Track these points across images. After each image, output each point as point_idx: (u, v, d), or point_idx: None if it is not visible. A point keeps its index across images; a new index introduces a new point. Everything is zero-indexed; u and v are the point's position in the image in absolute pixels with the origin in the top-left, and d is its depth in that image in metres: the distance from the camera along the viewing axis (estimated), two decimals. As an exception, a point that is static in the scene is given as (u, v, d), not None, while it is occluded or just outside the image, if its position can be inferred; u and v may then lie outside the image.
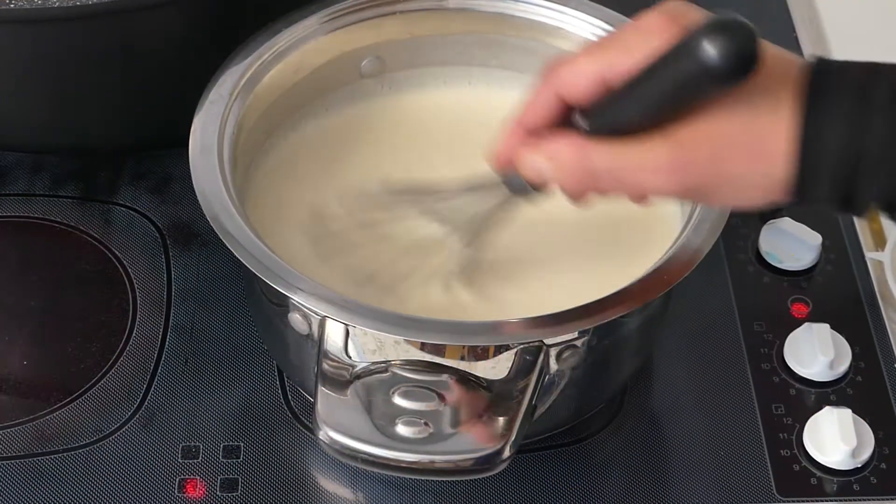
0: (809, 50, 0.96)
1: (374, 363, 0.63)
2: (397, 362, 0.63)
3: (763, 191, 0.56)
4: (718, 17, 0.52)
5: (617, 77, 0.56)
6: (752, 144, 0.55)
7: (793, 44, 0.96)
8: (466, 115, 0.79)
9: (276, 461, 0.71)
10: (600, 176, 0.57)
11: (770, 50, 0.54)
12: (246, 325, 0.77)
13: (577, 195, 0.60)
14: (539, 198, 0.63)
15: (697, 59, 0.51)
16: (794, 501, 0.70)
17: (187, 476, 0.70)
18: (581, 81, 0.57)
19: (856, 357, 0.76)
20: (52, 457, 0.71)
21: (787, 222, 0.82)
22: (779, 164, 0.54)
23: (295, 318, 0.64)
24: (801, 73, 0.55)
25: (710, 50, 0.51)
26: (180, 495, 0.69)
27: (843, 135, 0.53)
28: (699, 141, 0.55)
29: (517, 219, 0.68)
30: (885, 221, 0.86)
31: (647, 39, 0.55)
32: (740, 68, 0.51)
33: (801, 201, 0.56)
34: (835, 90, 0.54)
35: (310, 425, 0.72)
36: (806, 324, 0.77)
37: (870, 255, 0.83)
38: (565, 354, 0.63)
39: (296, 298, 0.61)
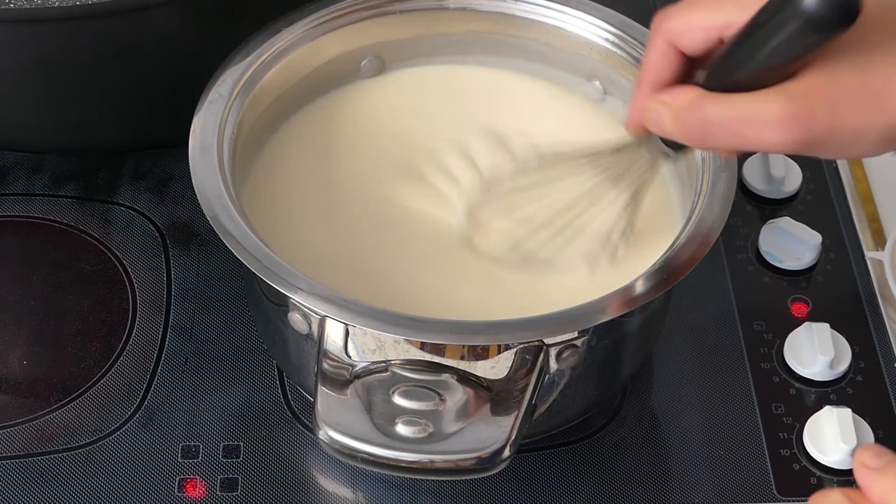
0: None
1: (373, 363, 0.63)
2: (397, 362, 0.63)
3: (882, 143, 0.56)
4: None
5: (733, 32, 0.56)
6: (871, 98, 0.55)
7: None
8: (466, 113, 0.79)
9: (276, 461, 0.71)
10: (715, 126, 0.57)
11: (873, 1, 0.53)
12: (246, 325, 0.77)
13: (695, 146, 0.60)
14: (678, 156, 0.64)
15: (797, 10, 0.51)
16: (794, 501, 0.70)
17: (187, 476, 0.70)
18: (694, 33, 0.58)
19: (856, 357, 0.76)
20: (52, 457, 0.71)
21: (787, 222, 0.82)
22: None
23: (295, 318, 0.64)
24: None
25: (807, 0, 0.51)
26: (180, 495, 0.69)
27: None
28: (817, 95, 0.55)
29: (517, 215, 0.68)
30: (886, 221, 0.86)
31: None
32: (840, 17, 0.51)
33: None
34: None
35: (310, 425, 0.72)
36: (806, 323, 0.77)
37: (870, 254, 0.83)
38: (565, 354, 0.63)
39: (296, 298, 0.61)
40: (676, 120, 0.58)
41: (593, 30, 0.76)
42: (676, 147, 0.63)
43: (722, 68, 0.57)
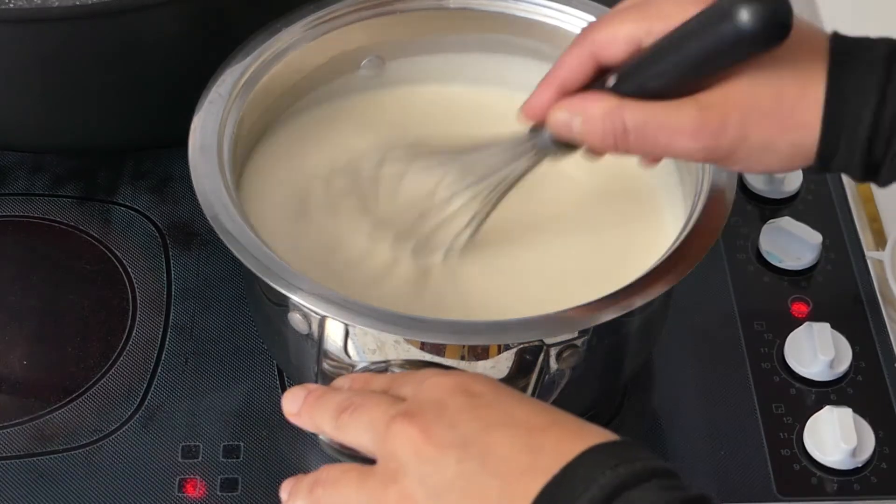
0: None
1: (373, 363, 0.63)
2: (397, 362, 0.63)
3: (789, 158, 0.58)
4: None
5: (652, 42, 0.58)
6: (782, 113, 0.56)
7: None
8: (465, 112, 0.79)
9: (276, 461, 0.71)
10: (628, 133, 0.58)
11: (797, 20, 0.55)
12: (246, 324, 0.77)
13: (602, 151, 0.61)
14: (563, 156, 0.64)
15: (733, 23, 0.53)
16: (794, 501, 0.70)
17: (187, 476, 0.70)
18: (619, 45, 0.59)
19: (856, 356, 0.76)
20: (52, 457, 0.71)
21: (787, 221, 0.82)
22: (808, 133, 0.56)
23: (295, 318, 0.64)
24: (827, 44, 0.57)
25: (746, 14, 0.52)
26: (180, 495, 0.69)
27: (874, 105, 0.55)
28: (729, 107, 0.56)
29: (519, 211, 0.68)
30: (886, 221, 0.86)
31: (684, 6, 0.56)
32: (773, 33, 0.53)
33: (825, 169, 0.58)
34: (863, 62, 0.56)
35: (310, 425, 0.72)
36: (806, 323, 0.77)
37: (870, 254, 0.83)
38: (565, 354, 0.63)
39: (296, 298, 0.61)
40: (591, 126, 0.59)
41: (593, 30, 0.76)
42: (566, 147, 0.63)
43: (639, 75, 0.58)
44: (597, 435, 0.52)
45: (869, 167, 0.57)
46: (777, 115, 0.56)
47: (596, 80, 0.61)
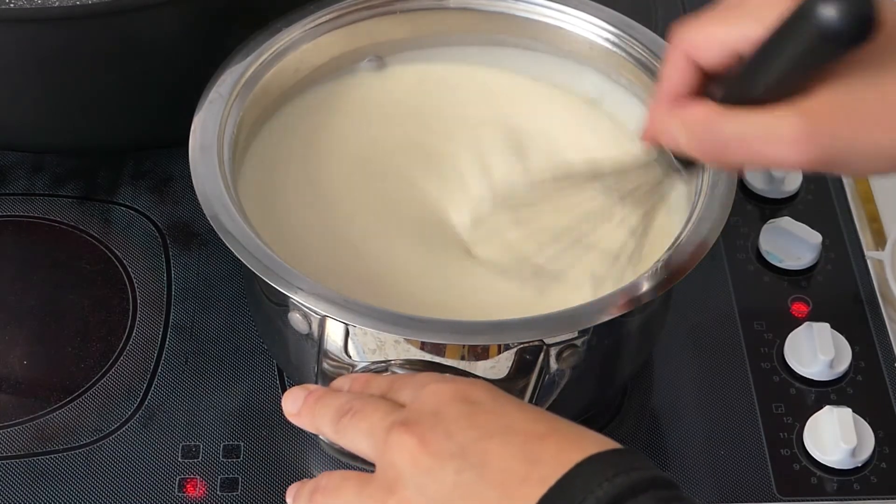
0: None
1: (374, 362, 0.63)
2: (397, 362, 0.63)
3: None
4: None
5: (749, 46, 0.55)
6: (889, 113, 0.53)
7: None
8: (465, 114, 0.79)
9: (276, 461, 0.71)
10: (730, 143, 0.56)
11: (893, 13, 0.52)
12: (246, 324, 0.77)
13: (712, 164, 0.59)
14: (690, 174, 0.62)
15: (815, 23, 0.50)
16: (794, 501, 0.70)
17: (187, 476, 0.70)
18: (714, 48, 0.56)
19: (856, 356, 0.76)
20: (52, 457, 0.71)
21: (787, 221, 0.82)
22: None
23: (295, 318, 0.64)
24: None
25: (827, 12, 0.49)
26: (180, 495, 0.69)
27: None
28: (833, 113, 0.53)
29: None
30: (886, 221, 0.86)
31: (773, 6, 0.53)
32: (858, 30, 0.50)
33: None
34: None
35: (310, 425, 0.72)
36: (806, 323, 0.77)
37: (870, 254, 0.83)
38: (565, 354, 0.63)
39: (296, 298, 0.61)
40: (691, 136, 0.57)
41: (593, 30, 0.76)
42: (688, 164, 0.61)
43: (738, 83, 0.56)
44: (595, 443, 0.51)
45: None
46: (884, 115, 0.53)
47: (703, 86, 0.58)
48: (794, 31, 0.52)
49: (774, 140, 0.54)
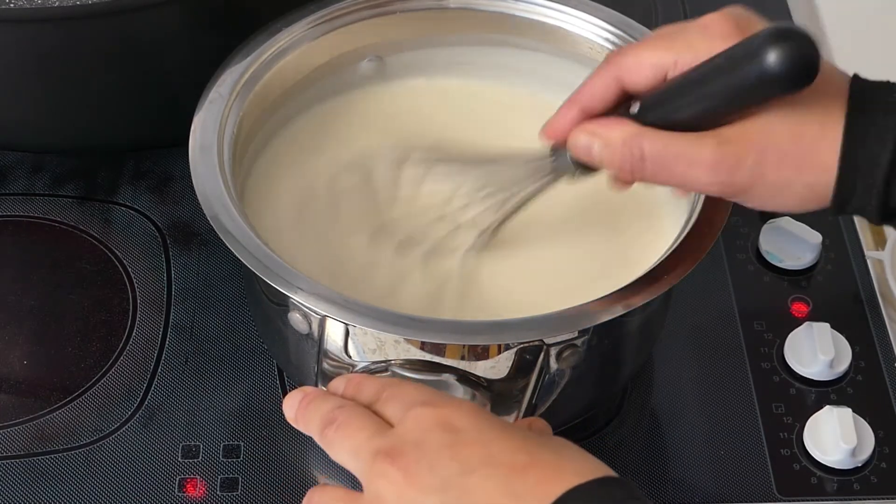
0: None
1: (374, 362, 0.63)
2: (397, 361, 0.63)
3: (804, 199, 0.58)
4: (782, 25, 0.53)
5: (678, 73, 0.58)
6: (800, 154, 0.56)
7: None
8: (465, 110, 0.79)
9: (276, 461, 0.71)
10: (647, 162, 0.59)
11: (825, 61, 0.55)
12: (246, 324, 0.77)
13: (621, 178, 0.61)
14: (582, 178, 0.64)
15: (761, 64, 0.53)
16: (794, 501, 0.70)
17: (187, 475, 0.70)
18: (644, 71, 0.59)
19: (856, 356, 0.76)
20: (52, 457, 0.71)
21: (787, 221, 0.82)
22: (825, 175, 0.56)
23: (295, 318, 0.64)
24: (847, 87, 0.57)
25: (774, 56, 0.52)
26: (180, 495, 0.69)
27: (891, 149, 0.55)
28: (748, 144, 0.56)
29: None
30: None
31: (711, 40, 0.57)
32: (801, 76, 0.53)
33: (841, 211, 0.57)
34: (882, 105, 0.56)
35: (310, 425, 0.72)
36: (806, 323, 0.77)
37: (870, 254, 0.83)
38: (565, 354, 0.63)
39: (296, 298, 0.61)
40: (610, 153, 0.60)
41: (593, 30, 0.76)
42: (586, 169, 0.63)
43: (663, 106, 0.58)
44: (576, 473, 0.52)
45: (886, 211, 0.57)
46: (795, 155, 0.56)
47: (619, 106, 0.61)
48: (735, 68, 0.54)
49: (690, 162, 0.57)
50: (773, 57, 0.52)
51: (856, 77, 0.58)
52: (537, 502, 0.51)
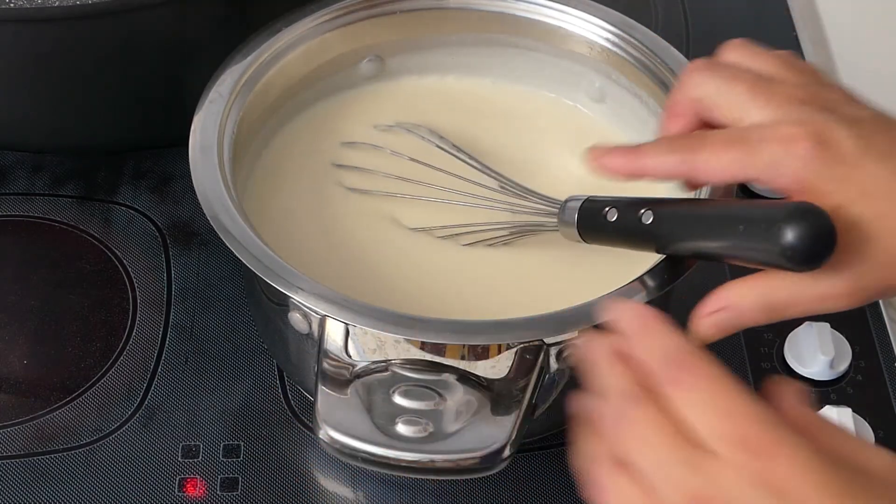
0: (809, 50, 0.96)
1: (374, 362, 0.63)
2: (397, 361, 0.63)
3: None
4: (797, 205, 0.53)
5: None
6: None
7: (793, 44, 0.96)
8: (465, 110, 0.79)
9: (276, 461, 0.71)
10: (784, 310, 0.58)
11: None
12: (246, 324, 0.77)
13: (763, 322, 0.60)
14: (573, 240, 0.66)
15: (778, 244, 0.53)
16: (794, 501, 0.70)
17: (187, 475, 0.70)
18: (717, 176, 0.59)
19: (856, 356, 0.76)
20: (52, 456, 0.71)
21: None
22: None
23: (295, 318, 0.64)
24: None
25: (789, 236, 0.52)
26: (180, 494, 0.69)
27: None
28: (870, 268, 0.55)
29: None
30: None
31: (794, 161, 0.55)
32: (814, 258, 0.53)
33: None
34: None
35: (310, 424, 0.72)
36: (806, 323, 0.77)
37: (870, 254, 0.82)
38: (565, 354, 0.63)
39: (296, 298, 0.61)
40: (742, 317, 0.60)
41: (593, 30, 0.76)
42: (581, 237, 0.65)
43: (678, 232, 0.59)
44: None
45: None
46: None
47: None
48: (756, 242, 0.54)
49: (825, 298, 0.56)
50: (787, 236, 0.52)
51: None
52: None
